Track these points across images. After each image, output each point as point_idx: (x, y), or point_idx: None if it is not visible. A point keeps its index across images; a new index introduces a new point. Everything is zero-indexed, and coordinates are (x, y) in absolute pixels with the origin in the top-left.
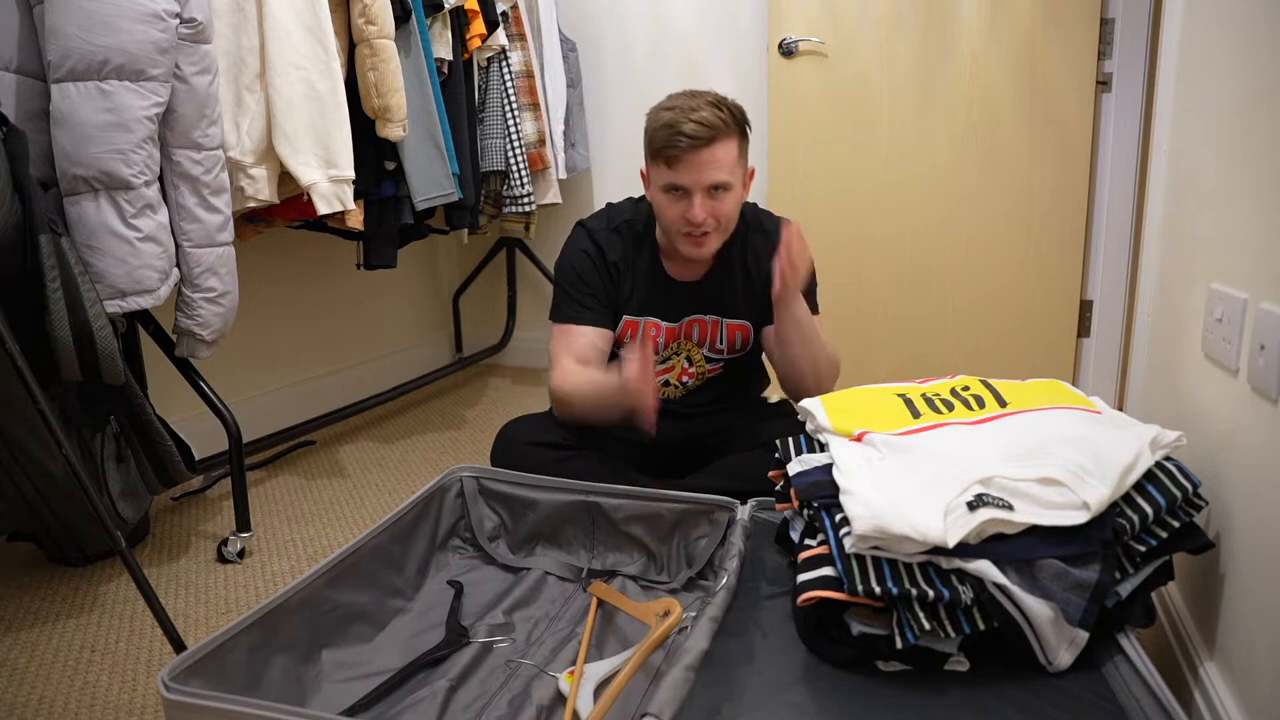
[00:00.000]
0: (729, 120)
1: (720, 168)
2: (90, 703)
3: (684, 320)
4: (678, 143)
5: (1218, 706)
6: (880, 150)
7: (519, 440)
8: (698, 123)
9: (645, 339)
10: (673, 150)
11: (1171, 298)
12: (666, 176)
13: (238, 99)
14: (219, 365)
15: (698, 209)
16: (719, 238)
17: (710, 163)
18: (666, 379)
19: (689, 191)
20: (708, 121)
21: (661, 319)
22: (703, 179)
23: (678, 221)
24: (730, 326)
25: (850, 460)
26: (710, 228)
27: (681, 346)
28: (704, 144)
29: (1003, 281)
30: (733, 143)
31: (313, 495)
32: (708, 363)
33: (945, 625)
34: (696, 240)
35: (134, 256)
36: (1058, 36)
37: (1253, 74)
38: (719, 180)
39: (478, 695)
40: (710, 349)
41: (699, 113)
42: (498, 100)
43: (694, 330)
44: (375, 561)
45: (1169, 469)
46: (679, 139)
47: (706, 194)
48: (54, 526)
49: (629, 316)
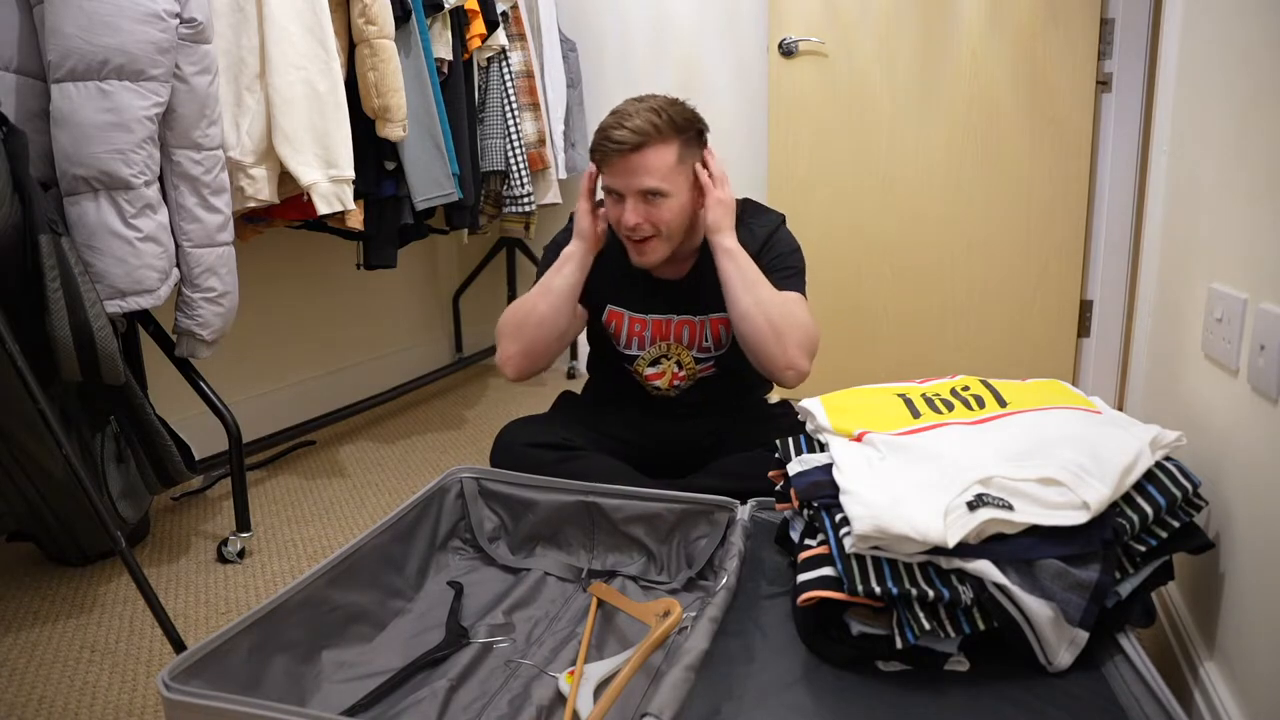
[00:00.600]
0: (664, 126)
1: (650, 174)
2: (90, 703)
3: (668, 318)
4: (604, 147)
5: (1218, 706)
6: (880, 150)
7: (518, 442)
8: (628, 129)
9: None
10: (601, 154)
11: (1171, 298)
12: (603, 180)
13: (238, 99)
14: (219, 365)
15: (629, 213)
16: (663, 244)
17: (639, 168)
18: (658, 385)
19: (622, 196)
20: (638, 128)
21: (646, 314)
22: (631, 184)
23: (617, 225)
24: (714, 321)
25: (850, 460)
26: (646, 233)
27: (671, 350)
28: (631, 149)
29: (1003, 281)
30: (668, 148)
31: (313, 495)
32: (697, 363)
33: (945, 625)
34: (637, 245)
35: (134, 256)
36: (1058, 36)
37: (1252, 74)
38: (648, 186)
39: (478, 695)
40: (698, 349)
41: (633, 119)
42: (498, 100)
43: (683, 332)
44: (375, 562)
45: (1169, 469)
46: (606, 144)
47: (640, 199)
48: (54, 526)
49: (613, 306)
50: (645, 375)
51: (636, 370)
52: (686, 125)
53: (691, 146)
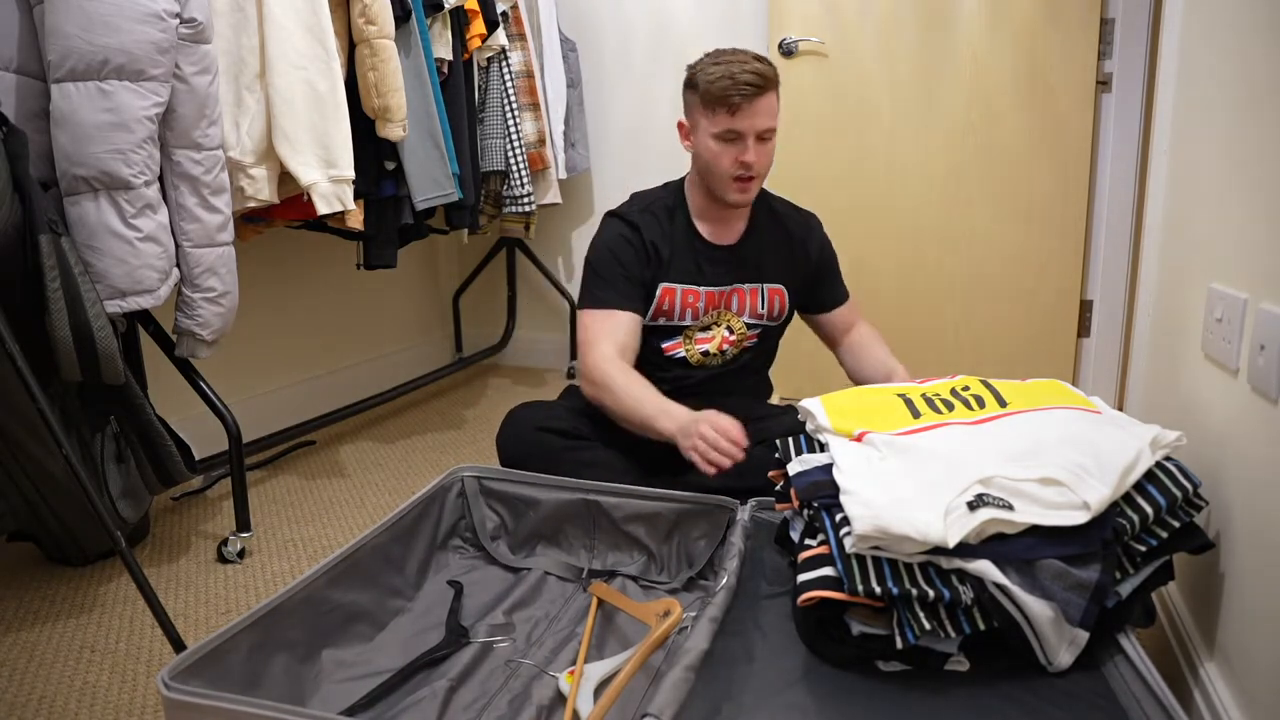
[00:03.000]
0: (773, 73)
1: (771, 114)
2: (90, 703)
3: (725, 288)
4: (740, 90)
5: (1218, 706)
6: (880, 150)
7: (528, 423)
8: (753, 73)
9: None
10: (735, 97)
11: (1171, 298)
12: (725, 123)
13: (238, 99)
14: (219, 365)
15: (752, 152)
16: (759, 185)
17: (764, 110)
18: (707, 349)
19: (743, 136)
20: (761, 72)
21: (701, 285)
22: (757, 124)
23: (732, 166)
24: (770, 291)
25: (850, 460)
26: (758, 172)
27: (722, 316)
28: (759, 92)
29: (1003, 281)
30: (775, 94)
31: (313, 495)
32: (748, 329)
33: (945, 625)
34: (745, 184)
35: (134, 256)
36: (1058, 36)
37: (1252, 74)
38: (770, 126)
39: (478, 695)
40: (751, 314)
41: (751, 64)
42: (498, 100)
43: (733, 300)
44: (376, 561)
45: (1169, 469)
46: (741, 88)
47: (757, 139)
48: (54, 526)
49: (666, 284)
50: (695, 339)
51: (686, 337)
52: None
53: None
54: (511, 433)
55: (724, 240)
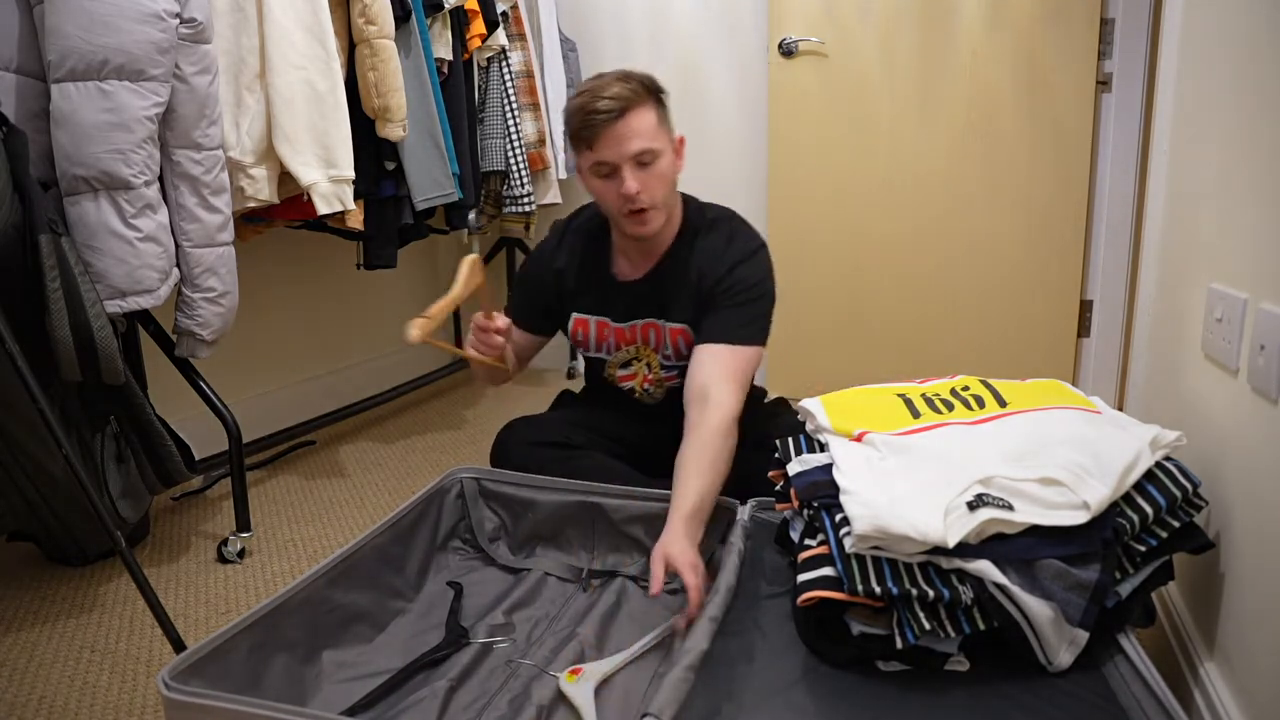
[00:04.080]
0: (638, 90)
1: (640, 135)
2: (90, 703)
3: (632, 323)
4: (592, 121)
5: (1218, 706)
6: (880, 150)
7: (519, 441)
8: (610, 96)
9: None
10: (591, 129)
11: (1171, 298)
12: (592, 157)
13: (238, 99)
14: (219, 365)
15: (628, 181)
16: (660, 214)
17: (630, 133)
18: (632, 385)
19: (617, 166)
20: (618, 95)
21: (609, 319)
22: (625, 150)
23: (617, 201)
24: (673, 331)
25: (850, 460)
26: (647, 202)
27: (641, 353)
28: (618, 116)
29: (1003, 281)
30: (648, 110)
31: (313, 495)
32: (664, 370)
33: (945, 625)
34: (639, 217)
35: (134, 256)
36: (1058, 36)
37: (1253, 74)
38: (642, 148)
39: (478, 695)
40: (663, 355)
41: (611, 88)
42: (498, 100)
43: (649, 335)
44: (375, 562)
45: (1169, 469)
46: (594, 116)
47: (634, 166)
48: (54, 526)
49: (576, 314)
50: (617, 377)
51: (609, 373)
52: (654, 86)
53: (664, 110)
54: (504, 451)
55: (631, 275)
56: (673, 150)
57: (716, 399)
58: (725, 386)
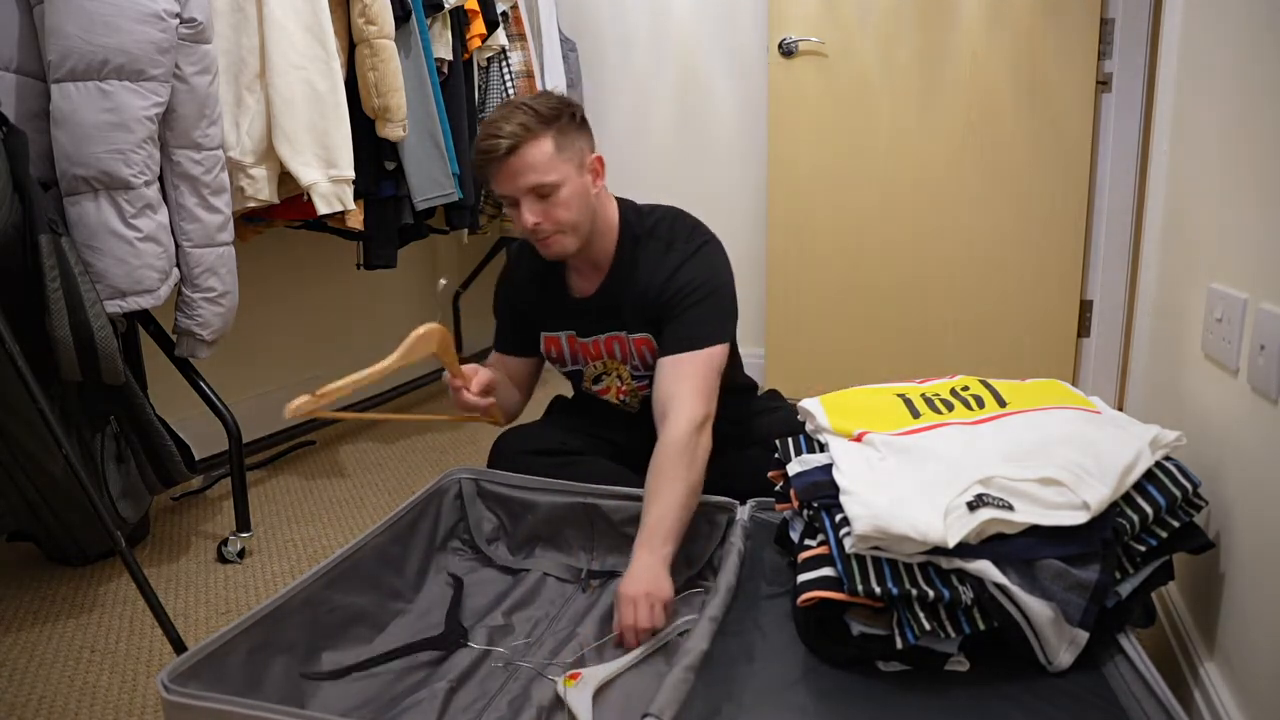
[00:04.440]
0: (531, 123)
1: (532, 170)
2: (90, 703)
3: (595, 338)
4: (482, 160)
5: (1218, 706)
6: (880, 150)
7: (516, 450)
8: (498, 137)
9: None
10: (486, 167)
11: (1171, 298)
12: (497, 190)
13: (238, 99)
14: (219, 365)
15: (525, 213)
16: (569, 238)
17: (523, 167)
18: (608, 399)
19: (515, 200)
20: (506, 133)
21: (573, 333)
22: (519, 184)
23: (524, 230)
24: (637, 342)
25: (850, 460)
26: (548, 231)
27: (609, 366)
28: (506, 154)
29: (1003, 281)
30: (543, 142)
31: (313, 495)
32: (635, 380)
33: (945, 625)
34: (545, 243)
35: (134, 256)
36: (1058, 36)
37: (1252, 74)
38: (534, 182)
39: (477, 697)
40: (632, 367)
41: (502, 126)
42: (498, 100)
43: (614, 348)
44: (374, 563)
45: (1169, 469)
46: (482, 156)
47: (532, 197)
48: (54, 526)
49: (546, 333)
50: (594, 391)
51: (586, 387)
52: (553, 115)
53: (569, 134)
54: (500, 460)
55: (584, 291)
56: (582, 173)
57: (676, 411)
58: (685, 396)
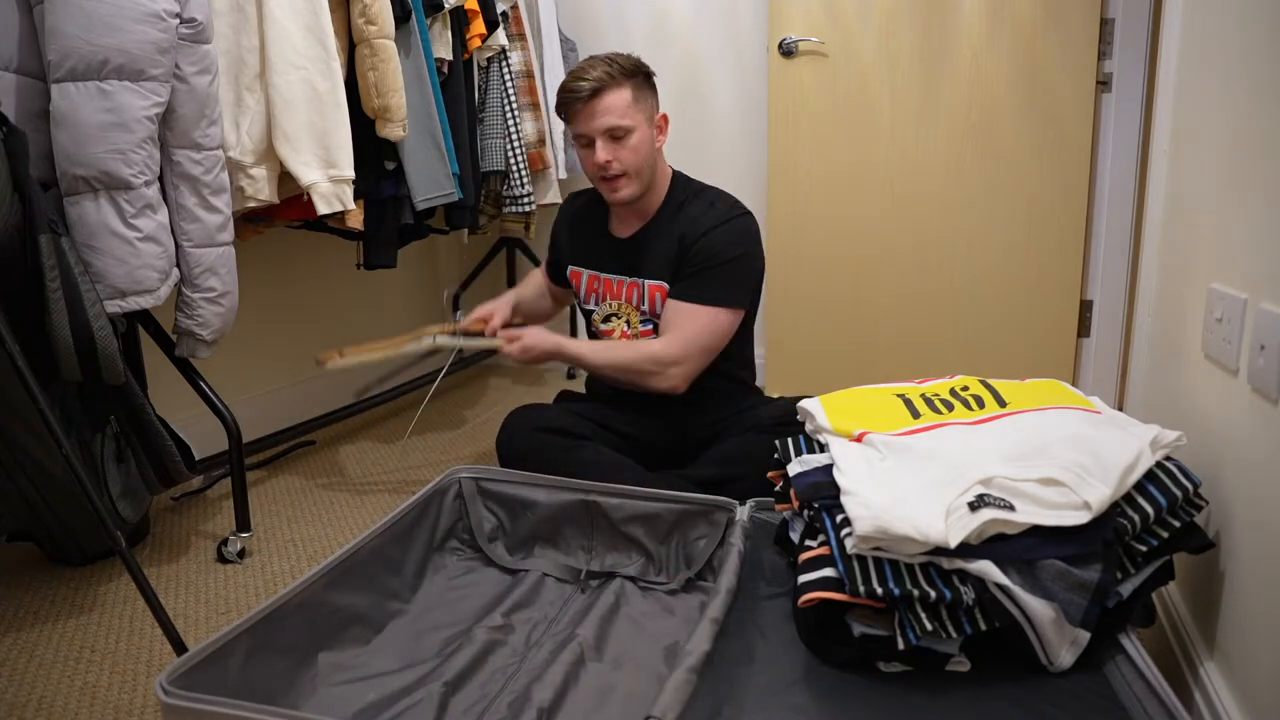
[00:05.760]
0: (615, 72)
1: (611, 113)
2: (90, 703)
3: (619, 277)
4: (568, 99)
5: (1218, 706)
6: (880, 150)
7: (526, 426)
8: (589, 79)
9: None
10: (568, 107)
11: (1171, 298)
12: (573, 130)
13: (238, 99)
14: (219, 365)
15: (600, 152)
16: (633, 182)
17: (604, 109)
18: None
19: (591, 139)
20: (594, 77)
21: (598, 270)
22: (598, 125)
23: (593, 169)
24: (651, 288)
25: (851, 461)
26: (617, 170)
27: (621, 310)
28: (594, 95)
29: (1003, 281)
30: (623, 90)
31: (313, 495)
32: (641, 324)
33: (947, 626)
34: (611, 184)
35: (134, 256)
36: (1058, 36)
37: (1252, 74)
38: (612, 124)
39: (477, 699)
40: (641, 312)
41: (590, 71)
42: (498, 100)
43: (630, 292)
44: (373, 564)
45: (1169, 469)
46: (569, 95)
47: (607, 139)
48: (54, 527)
49: (572, 266)
50: (601, 331)
51: (595, 324)
52: (634, 70)
53: (644, 89)
54: (510, 435)
55: (622, 233)
56: (651, 126)
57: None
58: (672, 335)
